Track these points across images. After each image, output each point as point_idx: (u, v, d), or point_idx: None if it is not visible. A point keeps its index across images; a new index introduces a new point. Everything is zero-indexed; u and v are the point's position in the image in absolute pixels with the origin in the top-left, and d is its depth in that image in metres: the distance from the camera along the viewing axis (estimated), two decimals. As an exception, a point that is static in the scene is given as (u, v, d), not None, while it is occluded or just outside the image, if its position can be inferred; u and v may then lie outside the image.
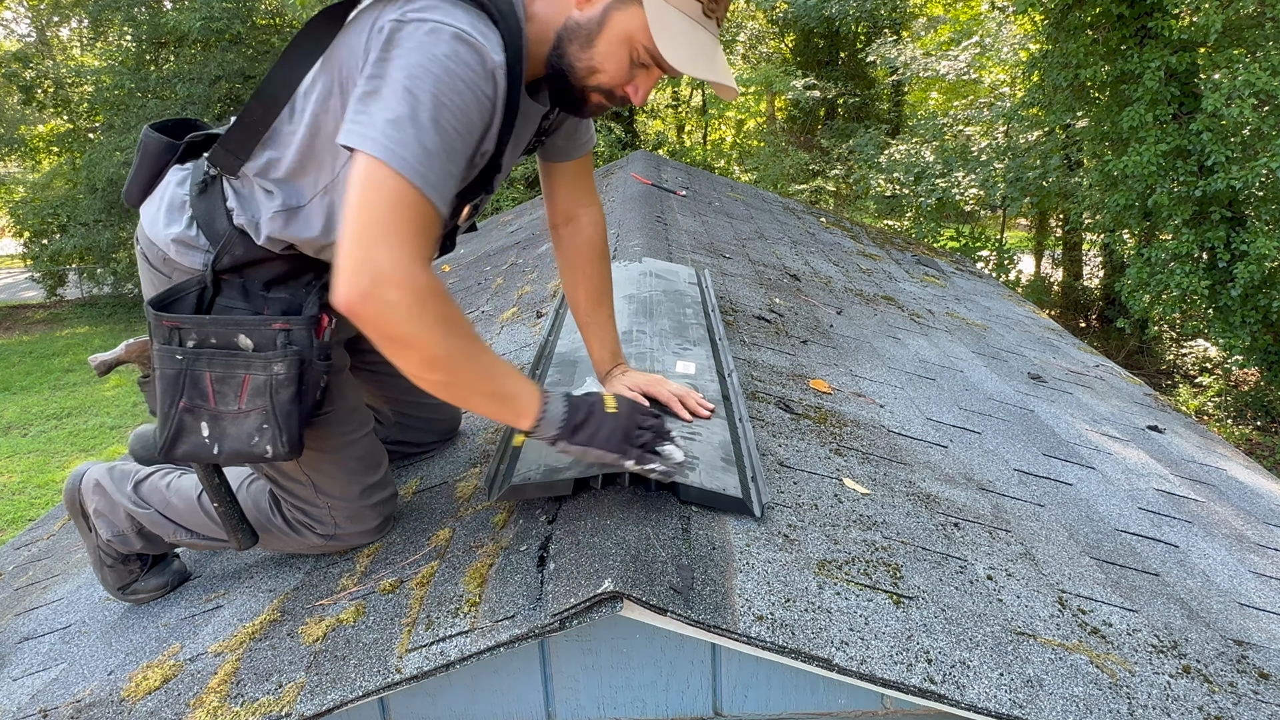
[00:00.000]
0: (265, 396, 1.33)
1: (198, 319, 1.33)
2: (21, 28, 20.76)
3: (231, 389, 1.33)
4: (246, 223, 1.35)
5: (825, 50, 17.20)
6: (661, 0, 1.22)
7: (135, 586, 1.70)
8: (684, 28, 1.24)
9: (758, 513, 1.39)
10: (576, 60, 1.28)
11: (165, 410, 1.35)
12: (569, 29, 1.27)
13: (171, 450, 1.37)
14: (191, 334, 1.33)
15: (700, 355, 1.98)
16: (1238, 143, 6.85)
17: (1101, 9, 7.60)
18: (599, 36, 1.26)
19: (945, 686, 1.13)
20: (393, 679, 1.15)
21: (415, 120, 1.10)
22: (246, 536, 1.51)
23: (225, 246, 1.36)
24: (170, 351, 1.34)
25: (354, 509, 1.52)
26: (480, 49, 1.14)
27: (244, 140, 1.32)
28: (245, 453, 1.35)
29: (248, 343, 1.32)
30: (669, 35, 1.22)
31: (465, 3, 1.17)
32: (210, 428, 1.35)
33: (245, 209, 1.36)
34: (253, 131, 1.31)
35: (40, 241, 16.15)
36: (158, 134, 1.47)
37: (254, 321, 1.33)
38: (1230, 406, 8.92)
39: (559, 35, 1.28)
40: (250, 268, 1.39)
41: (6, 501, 7.68)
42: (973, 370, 2.89)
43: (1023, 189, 10.22)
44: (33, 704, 1.47)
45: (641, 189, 4.56)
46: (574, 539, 1.25)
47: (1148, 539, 1.85)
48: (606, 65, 1.27)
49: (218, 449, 1.35)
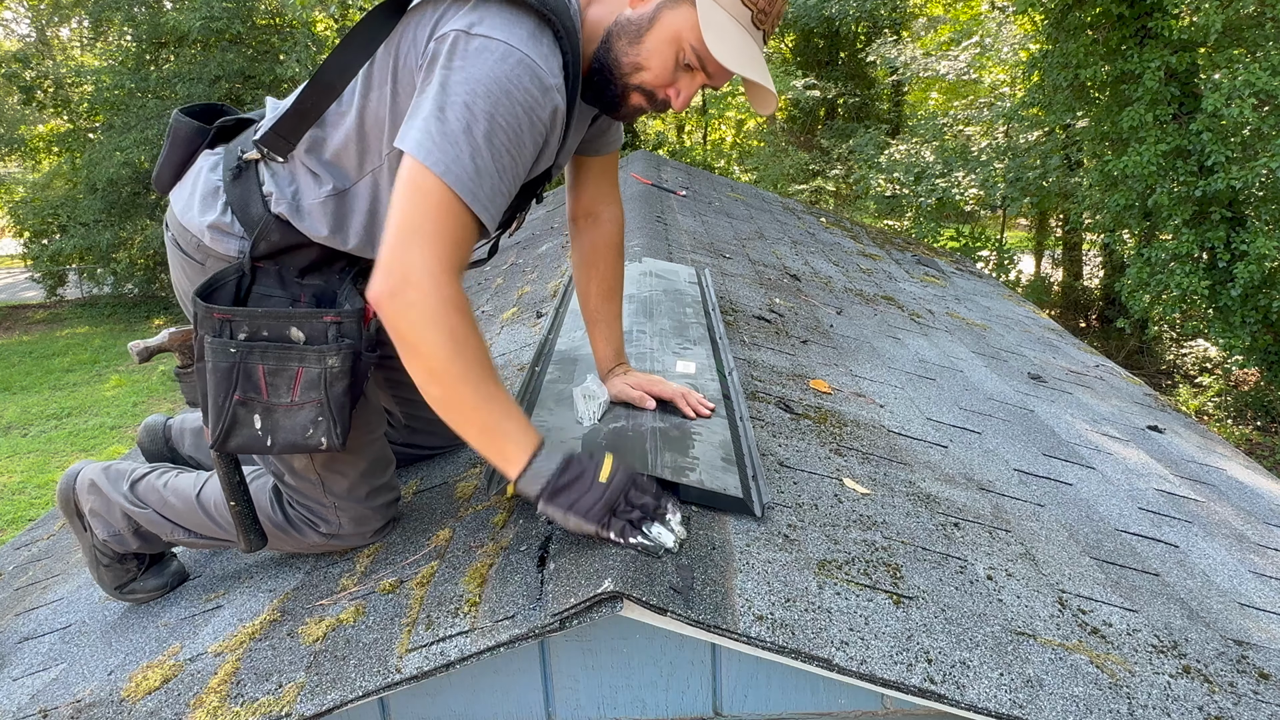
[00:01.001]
0: (320, 389, 1.33)
1: (250, 311, 1.32)
2: (21, 28, 20.77)
3: (284, 381, 1.33)
4: (287, 207, 1.35)
5: (825, 50, 17.20)
6: (714, 5, 1.24)
7: (133, 586, 1.69)
8: (733, 30, 1.25)
9: (758, 512, 1.39)
10: (623, 55, 1.29)
11: (219, 403, 1.34)
12: (619, 25, 1.28)
13: (226, 442, 1.35)
14: (244, 326, 1.32)
15: (700, 355, 1.98)
16: (1238, 143, 6.86)
17: (1101, 9, 7.60)
18: (648, 33, 1.27)
19: (945, 686, 1.13)
20: (393, 679, 1.15)
21: (470, 136, 1.13)
22: (257, 538, 1.50)
23: (262, 232, 1.35)
24: (224, 345, 1.32)
25: (359, 510, 1.52)
26: (540, 74, 1.17)
27: (297, 125, 1.32)
28: (299, 444, 1.35)
29: (300, 335, 1.32)
30: (719, 33, 1.24)
31: (531, 17, 1.19)
32: (263, 420, 1.34)
33: (284, 193, 1.35)
34: (307, 117, 1.32)
35: (40, 241, 16.16)
36: (188, 118, 1.47)
37: (305, 314, 1.33)
38: (1230, 406, 8.92)
39: (609, 31, 1.29)
40: (286, 254, 1.39)
41: (6, 501, 7.68)
42: (973, 370, 2.89)
43: (1023, 189, 10.22)
44: (33, 704, 1.47)
45: (641, 189, 4.56)
46: (574, 539, 1.25)
47: (1148, 539, 1.85)
48: (652, 63, 1.28)
49: (270, 441, 1.35)
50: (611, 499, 1.18)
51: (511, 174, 1.20)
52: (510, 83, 1.14)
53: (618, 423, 1.55)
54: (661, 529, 1.20)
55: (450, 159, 1.12)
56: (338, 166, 1.34)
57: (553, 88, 1.19)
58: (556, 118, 1.23)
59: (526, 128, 1.18)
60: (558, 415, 1.61)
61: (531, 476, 1.20)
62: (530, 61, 1.16)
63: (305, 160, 1.35)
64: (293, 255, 1.39)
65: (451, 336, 1.14)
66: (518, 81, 1.15)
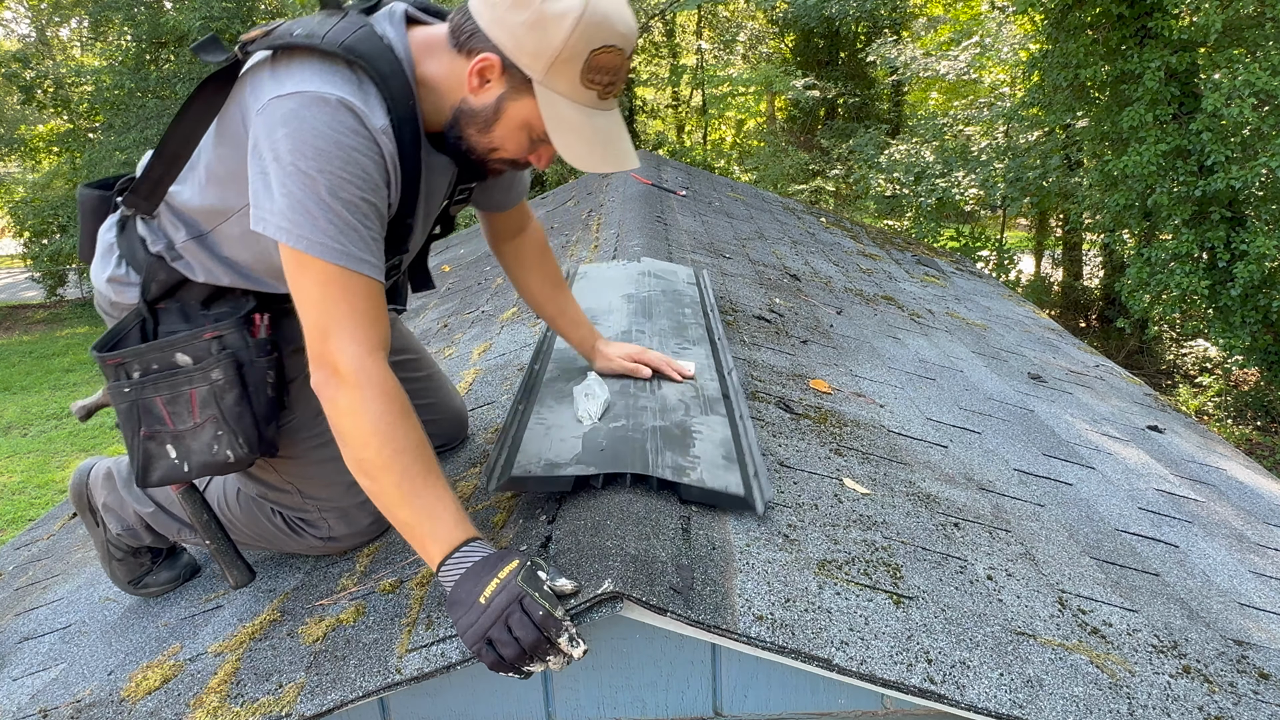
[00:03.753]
0: (213, 405, 1.34)
1: (136, 350, 1.36)
2: (21, 28, 20.76)
3: (183, 407, 1.35)
4: (163, 249, 1.38)
5: (825, 50, 17.20)
6: (556, 96, 1.21)
7: (146, 580, 1.70)
8: (579, 119, 1.23)
9: (760, 509, 1.39)
10: (476, 140, 1.30)
11: (130, 443, 1.38)
12: (465, 113, 1.27)
13: (146, 478, 1.39)
14: (135, 366, 1.36)
15: (699, 354, 1.98)
16: (1238, 143, 6.85)
17: (1101, 9, 7.60)
18: (496, 124, 1.27)
19: (945, 686, 1.13)
20: (393, 679, 1.15)
21: (317, 199, 1.13)
22: (242, 573, 1.50)
23: (149, 274, 1.38)
24: (119, 387, 1.37)
25: (343, 509, 1.52)
26: (360, 113, 1.16)
27: (152, 190, 1.36)
28: (210, 463, 1.37)
29: (186, 359, 1.34)
30: (565, 131, 1.23)
31: (342, 66, 1.18)
32: (176, 448, 1.37)
33: (158, 238, 1.39)
34: (160, 183, 1.35)
35: (40, 241, 16.15)
36: (91, 189, 1.51)
37: (187, 337, 1.35)
38: (1230, 406, 8.92)
39: (456, 115, 1.28)
40: (181, 290, 1.40)
41: (6, 501, 7.68)
42: (973, 370, 2.89)
43: (1023, 189, 10.22)
44: (33, 704, 1.47)
45: (641, 189, 4.56)
46: (574, 539, 1.25)
47: (1148, 539, 1.85)
48: (507, 145, 1.30)
49: (187, 466, 1.37)
50: (483, 627, 1.06)
51: (374, 214, 1.20)
52: (333, 129, 1.14)
53: (617, 422, 1.55)
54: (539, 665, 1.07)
55: (309, 231, 1.14)
56: (194, 218, 1.36)
57: (378, 129, 1.18)
58: (387, 153, 1.21)
59: (369, 165, 1.18)
60: (558, 414, 1.61)
61: (445, 573, 1.14)
62: (348, 102, 1.15)
63: (166, 213, 1.38)
64: (188, 290, 1.40)
65: (375, 429, 1.15)
66: (340, 124, 1.14)
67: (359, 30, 1.20)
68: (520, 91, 1.23)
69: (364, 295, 1.18)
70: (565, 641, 1.06)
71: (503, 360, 2.41)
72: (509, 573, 1.09)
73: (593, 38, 1.17)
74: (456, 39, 1.24)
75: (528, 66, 1.19)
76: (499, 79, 1.22)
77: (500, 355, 2.48)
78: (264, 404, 1.37)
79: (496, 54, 1.20)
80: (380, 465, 1.15)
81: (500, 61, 1.20)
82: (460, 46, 1.24)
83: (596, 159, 1.26)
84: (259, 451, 1.37)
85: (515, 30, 1.18)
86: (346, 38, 1.18)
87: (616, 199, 4.44)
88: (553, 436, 1.51)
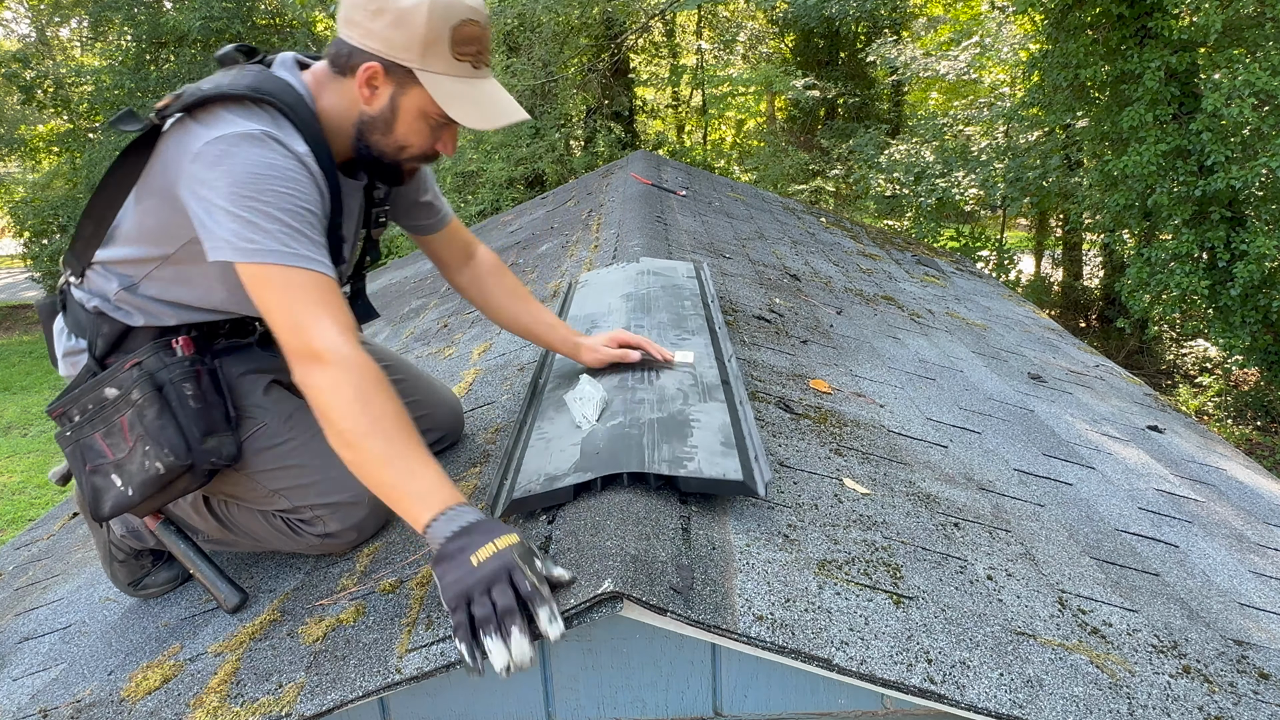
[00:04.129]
0: (139, 424, 1.41)
1: (72, 395, 1.46)
2: (21, 28, 20.75)
3: (118, 436, 1.42)
4: (99, 303, 1.48)
5: (825, 50, 17.18)
6: (437, 76, 1.36)
7: (146, 581, 1.71)
8: (463, 89, 1.38)
9: (762, 492, 1.38)
10: (384, 145, 1.45)
11: (79, 481, 1.47)
12: (365, 123, 1.42)
13: (98, 510, 1.45)
14: (74, 410, 1.46)
15: (699, 344, 1.98)
16: (1237, 143, 6.85)
17: (1101, 9, 7.59)
18: (396, 122, 1.42)
19: (945, 686, 1.13)
20: (393, 679, 1.15)
21: (263, 215, 1.26)
22: (232, 592, 1.52)
23: (93, 332, 1.48)
24: (63, 434, 1.47)
25: (335, 505, 1.53)
26: (283, 141, 1.31)
27: (84, 250, 1.47)
28: (146, 480, 1.41)
29: (114, 391, 1.43)
30: (455, 102, 1.38)
31: (253, 107, 1.33)
32: (119, 476, 1.43)
33: (93, 295, 1.49)
34: (90, 243, 1.46)
35: (40, 241, 16.13)
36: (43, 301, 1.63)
37: (112, 372, 1.43)
38: (1230, 406, 8.92)
39: (358, 129, 1.43)
40: (127, 340, 1.48)
41: (6, 501, 7.68)
42: (973, 370, 2.89)
43: (1023, 189, 10.21)
44: (33, 704, 1.47)
45: (641, 189, 4.56)
46: (574, 539, 1.25)
47: (1148, 539, 1.85)
48: (411, 140, 1.44)
49: (130, 490, 1.42)
50: (468, 586, 1.09)
51: (315, 224, 1.33)
52: (264, 157, 1.28)
53: (615, 420, 1.55)
54: (498, 645, 1.05)
55: (261, 244, 1.25)
56: (124, 271, 1.45)
57: (300, 153, 1.33)
58: (313, 173, 1.35)
59: (302, 180, 1.31)
60: (557, 424, 1.61)
61: (431, 534, 1.18)
62: (270, 134, 1.30)
63: (96, 272, 1.48)
64: (134, 338, 1.48)
65: (355, 397, 1.23)
66: (269, 153, 1.28)
67: (259, 75, 1.37)
68: (406, 85, 1.38)
69: (324, 288, 1.29)
70: (545, 617, 1.06)
71: (503, 360, 2.41)
72: (507, 545, 1.12)
73: (448, 16, 1.33)
74: (338, 65, 1.40)
75: (405, 59, 1.35)
76: (385, 81, 1.38)
77: (500, 355, 2.48)
78: (190, 414, 1.42)
79: (376, 60, 1.36)
80: (361, 432, 1.22)
81: (381, 65, 1.36)
82: (343, 70, 1.40)
83: (491, 118, 1.41)
84: (193, 459, 1.41)
85: (383, 34, 1.34)
86: (250, 82, 1.35)
87: (616, 199, 4.44)
88: (552, 449, 1.51)
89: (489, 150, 11.79)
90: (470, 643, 1.07)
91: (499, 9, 11.89)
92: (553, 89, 12.69)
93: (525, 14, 11.69)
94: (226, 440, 1.46)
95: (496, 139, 11.76)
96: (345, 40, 1.38)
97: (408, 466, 1.22)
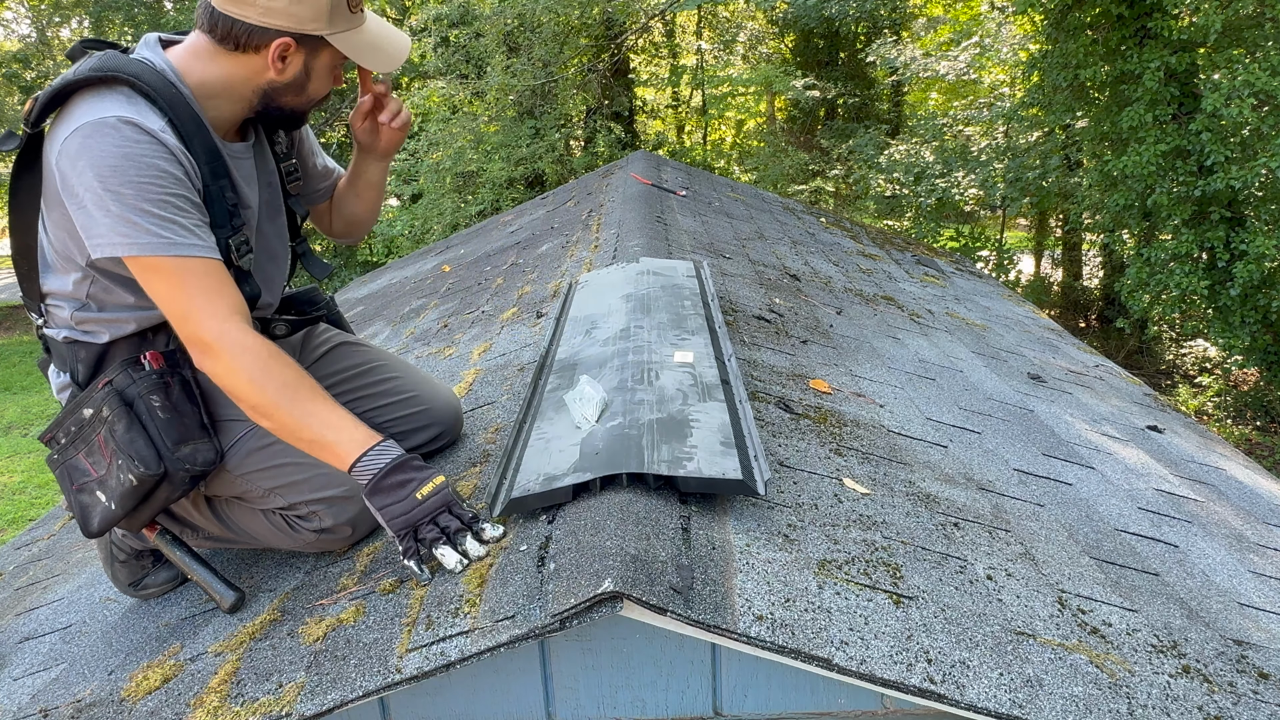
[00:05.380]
0: (112, 440, 1.45)
1: (57, 420, 1.52)
2: (22, 28, 20.76)
3: (98, 453, 1.47)
4: (68, 332, 1.51)
5: (825, 50, 17.18)
6: (343, 35, 1.47)
7: (146, 581, 1.71)
8: (365, 38, 1.50)
9: (761, 490, 1.38)
10: (297, 104, 1.54)
11: (69, 502, 1.51)
12: (276, 89, 1.49)
13: (88, 527, 1.49)
14: (60, 434, 1.51)
15: (699, 344, 1.98)
16: (1237, 143, 6.85)
17: (1101, 9, 7.59)
18: (309, 83, 1.51)
19: (945, 686, 1.13)
20: (393, 679, 1.16)
21: (133, 209, 1.30)
22: (229, 594, 1.53)
23: (71, 359, 1.51)
24: (52, 458, 1.52)
25: (328, 500, 1.54)
26: (135, 122, 1.32)
27: (30, 286, 1.52)
28: (126, 492, 1.43)
29: (89, 411, 1.47)
30: (365, 52, 1.50)
31: (104, 90, 1.35)
32: (103, 491, 1.46)
33: (59, 327, 1.52)
34: (29, 277, 1.50)
35: (40, 242, 16.14)
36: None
37: (88, 393, 1.48)
38: (1230, 406, 8.92)
39: (265, 93, 1.49)
40: (105, 360, 1.51)
41: (7, 501, 7.68)
42: (972, 370, 2.89)
43: (1022, 189, 10.21)
44: (33, 704, 1.47)
45: (641, 189, 4.56)
46: (574, 539, 1.26)
47: (1147, 539, 1.85)
48: (321, 90, 1.55)
49: (114, 504, 1.45)
50: (416, 517, 1.34)
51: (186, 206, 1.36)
52: (121, 146, 1.30)
53: (615, 420, 1.55)
54: (448, 550, 1.33)
55: (137, 237, 1.31)
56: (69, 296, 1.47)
57: (156, 130, 1.34)
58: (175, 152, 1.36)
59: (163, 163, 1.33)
60: (557, 425, 1.61)
61: (359, 471, 1.36)
62: (123, 117, 1.31)
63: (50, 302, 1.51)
64: (111, 356, 1.51)
65: (252, 376, 1.35)
66: (124, 140, 1.30)
67: (105, 58, 1.38)
68: (317, 50, 1.48)
69: (204, 274, 1.36)
70: (488, 530, 1.36)
71: (503, 360, 2.41)
72: (444, 482, 1.38)
73: None
74: (235, 42, 1.43)
75: (315, 29, 1.43)
76: (296, 52, 1.46)
77: (500, 355, 2.48)
78: (160, 425, 1.45)
79: (287, 35, 1.42)
80: (270, 402, 1.36)
81: (293, 39, 1.43)
82: (242, 46, 1.44)
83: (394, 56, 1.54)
84: (165, 467, 1.43)
85: (288, 10, 1.41)
86: (95, 64, 1.37)
87: (617, 199, 4.44)
88: (552, 449, 1.51)
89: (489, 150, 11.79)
90: (417, 559, 1.33)
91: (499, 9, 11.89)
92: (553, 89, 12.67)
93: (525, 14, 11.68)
94: (202, 446, 1.48)
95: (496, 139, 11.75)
96: (240, 20, 1.40)
97: (322, 420, 1.38)
